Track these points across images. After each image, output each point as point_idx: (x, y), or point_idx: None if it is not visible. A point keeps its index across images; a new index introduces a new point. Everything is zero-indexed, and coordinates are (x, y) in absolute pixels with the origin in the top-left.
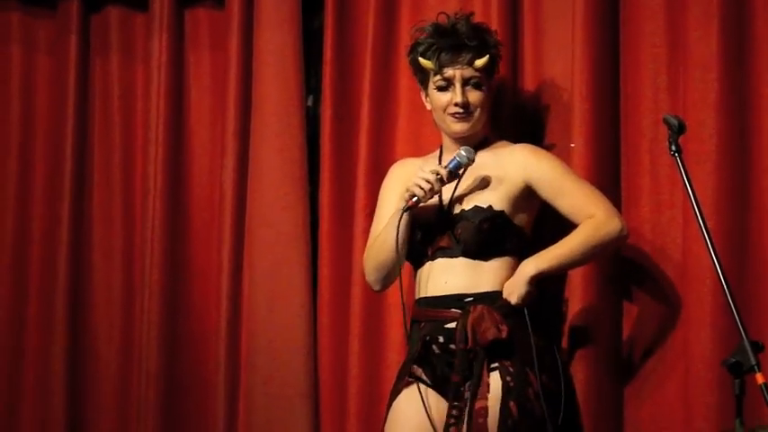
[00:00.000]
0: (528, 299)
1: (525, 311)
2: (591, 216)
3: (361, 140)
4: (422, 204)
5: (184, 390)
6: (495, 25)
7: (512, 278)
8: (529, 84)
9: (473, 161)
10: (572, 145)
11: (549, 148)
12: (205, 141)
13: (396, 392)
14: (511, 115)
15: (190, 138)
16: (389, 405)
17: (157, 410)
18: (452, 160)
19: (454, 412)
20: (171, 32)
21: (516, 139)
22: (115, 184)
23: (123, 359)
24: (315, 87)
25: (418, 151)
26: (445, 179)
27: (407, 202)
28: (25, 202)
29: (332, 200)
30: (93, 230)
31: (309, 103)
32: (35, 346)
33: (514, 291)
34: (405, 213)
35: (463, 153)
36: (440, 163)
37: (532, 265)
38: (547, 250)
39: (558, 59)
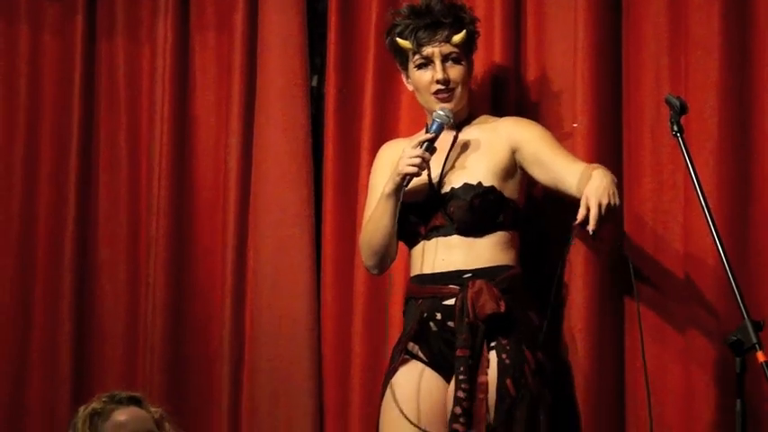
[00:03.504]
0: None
1: (524, 288)
2: (580, 166)
3: (364, 120)
4: (411, 184)
5: (190, 367)
6: (498, 9)
7: (597, 182)
8: (532, 66)
9: (452, 117)
10: (575, 125)
11: (552, 126)
12: (210, 121)
13: (392, 370)
14: (515, 97)
15: (195, 118)
16: (386, 382)
17: (163, 387)
18: (433, 123)
19: (464, 386)
20: (176, 14)
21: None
22: (121, 163)
23: (129, 336)
24: (319, 67)
25: (420, 128)
26: (433, 144)
27: (404, 181)
28: (32, 182)
29: (336, 178)
30: (98, 209)
31: (314, 83)
32: (42, 325)
33: (614, 193)
34: (397, 193)
35: (441, 113)
36: None
37: (607, 171)
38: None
39: (561, 41)
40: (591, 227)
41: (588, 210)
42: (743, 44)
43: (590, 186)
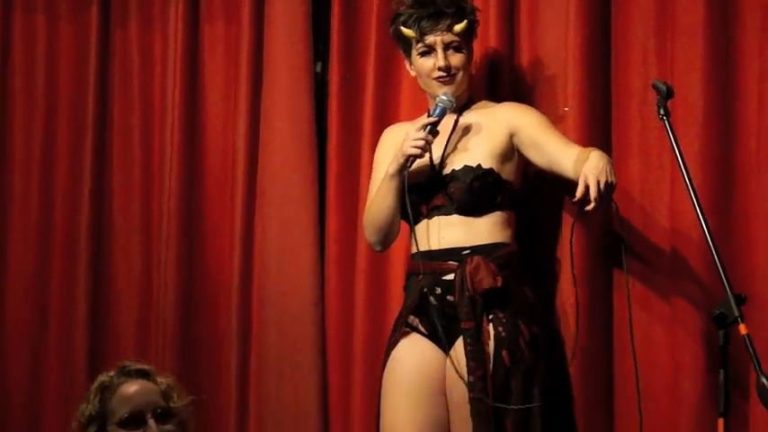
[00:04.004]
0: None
1: (520, 264)
2: (574, 150)
3: (366, 104)
4: (414, 166)
5: (199, 342)
6: None
7: (595, 161)
8: (525, 51)
9: (454, 102)
10: (566, 108)
11: (544, 111)
12: (219, 105)
13: (393, 342)
14: (509, 80)
15: (204, 101)
16: (387, 354)
17: (174, 362)
18: (436, 107)
19: (473, 355)
20: (186, 3)
21: (515, 102)
22: (134, 147)
23: (142, 309)
24: (323, 53)
25: (420, 112)
26: (436, 127)
27: (408, 162)
28: (49, 165)
29: (339, 160)
30: (113, 188)
31: (318, 68)
32: (58, 305)
33: (610, 171)
34: (404, 175)
35: (444, 97)
36: None
37: (602, 153)
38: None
39: (553, 27)
40: (591, 203)
41: (587, 187)
42: (726, 31)
43: (588, 165)
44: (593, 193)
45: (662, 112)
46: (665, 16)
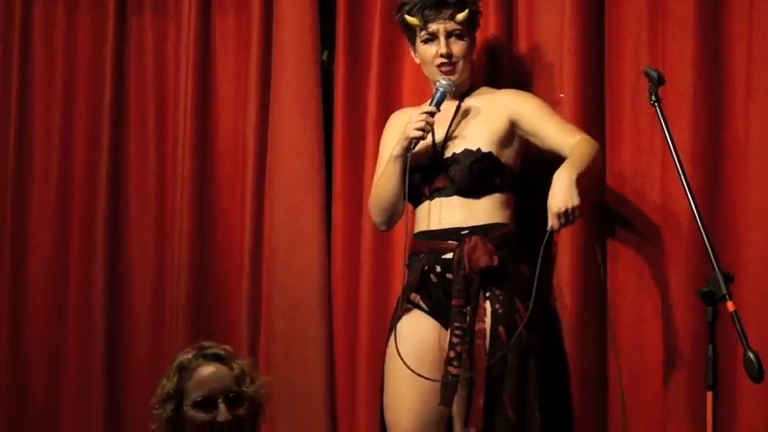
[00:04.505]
0: (584, 197)
1: (516, 244)
2: (574, 138)
3: (370, 92)
4: (417, 148)
5: (212, 319)
6: None
7: (555, 190)
8: (523, 40)
9: (453, 86)
10: (561, 95)
11: (541, 97)
12: (230, 93)
13: (396, 319)
14: (508, 69)
15: (216, 90)
16: (390, 330)
17: (187, 337)
18: (436, 92)
19: (458, 332)
20: None
21: (513, 89)
22: (149, 131)
23: (156, 291)
24: (329, 44)
25: (423, 99)
26: (436, 111)
27: (411, 144)
28: (68, 148)
29: (345, 147)
30: (128, 173)
31: (324, 58)
32: (77, 279)
33: (571, 196)
34: (407, 156)
35: (443, 82)
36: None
37: (568, 171)
38: (569, 161)
39: (550, 18)
40: (556, 232)
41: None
42: (715, 21)
43: (550, 197)
44: (556, 226)
45: (653, 98)
46: (656, 8)
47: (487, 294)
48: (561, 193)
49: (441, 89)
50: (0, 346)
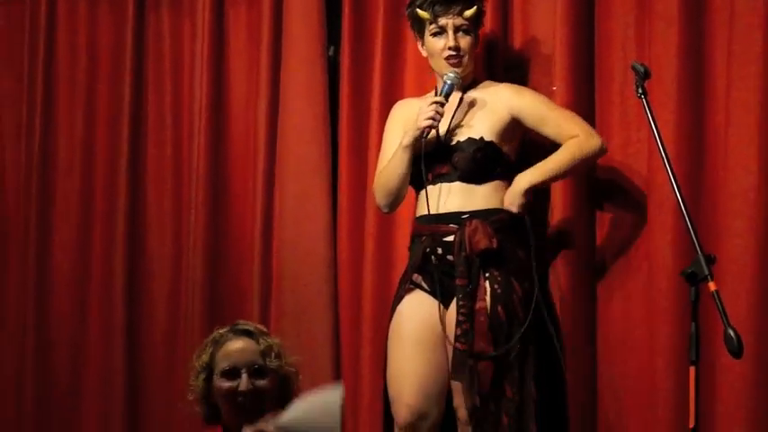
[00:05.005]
0: (525, 208)
1: (526, 218)
2: (574, 136)
3: (374, 84)
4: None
5: (225, 297)
6: None
7: (509, 191)
8: (518, 36)
9: (460, 79)
10: (554, 88)
11: (535, 89)
12: (242, 85)
13: (399, 298)
14: (504, 63)
15: (229, 82)
16: (393, 309)
17: (202, 315)
18: (444, 85)
19: (463, 311)
20: None
21: (508, 82)
22: (166, 122)
23: (173, 271)
24: (335, 39)
25: (423, 91)
26: (444, 102)
27: (423, 134)
28: (90, 138)
29: (350, 136)
30: (147, 161)
31: (331, 52)
32: (100, 264)
33: (514, 201)
34: (420, 143)
35: (451, 75)
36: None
37: (526, 179)
38: (538, 165)
39: (543, 15)
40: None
41: None
42: (698, 19)
43: (508, 193)
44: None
45: (640, 91)
46: (643, 6)
47: (487, 275)
48: (508, 196)
49: (449, 82)
50: (26, 335)
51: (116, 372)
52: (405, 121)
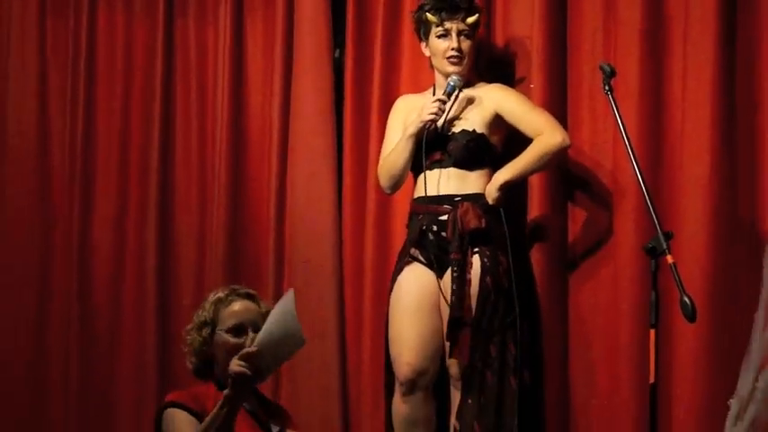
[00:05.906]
0: (500, 201)
1: (501, 210)
2: (540, 133)
3: (374, 83)
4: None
5: (245, 268)
6: None
7: (489, 185)
8: (500, 40)
9: (462, 82)
10: (531, 85)
11: (514, 86)
12: (259, 83)
13: (398, 270)
14: (487, 63)
15: (247, 80)
16: (393, 279)
17: (223, 279)
18: (448, 86)
19: (458, 281)
20: (233, 1)
21: (491, 80)
22: (192, 116)
23: (199, 241)
24: (340, 43)
25: (418, 89)
26: (447, 100)
27: (426, 126)
28: (126, 132)
29: (353, 127)
30: (176, 151)
31: (336, 55)
32: (134, 246)
33: (490, 195)
34: (423, 134)
35: (455, 77)
36: (434, 95)
37: (502, 176)
38: (512, 163)
39: (522, 20)
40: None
41: None
42: (658, 27)
43: (487, 187)
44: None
45: (607, 88)
46: (609, 13)
47: (476, 250)
48: (487, 190)
49: (452, 83)
50: (71, 305)
51: (148, 332)
52: (406, 113)
